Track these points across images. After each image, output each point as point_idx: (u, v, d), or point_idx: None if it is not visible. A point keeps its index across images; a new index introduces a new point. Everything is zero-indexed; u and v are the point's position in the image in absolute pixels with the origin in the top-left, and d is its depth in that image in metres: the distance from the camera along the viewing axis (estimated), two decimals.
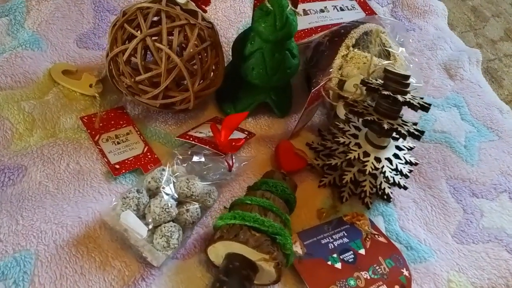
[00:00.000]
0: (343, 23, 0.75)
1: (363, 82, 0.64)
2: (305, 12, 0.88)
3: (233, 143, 0.64)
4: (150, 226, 0.54)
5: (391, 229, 0.66)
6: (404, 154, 0.66)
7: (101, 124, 0.67)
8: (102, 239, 0.55)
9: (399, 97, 0.60)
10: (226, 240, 0.51)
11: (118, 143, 0.66)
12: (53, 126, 0.66)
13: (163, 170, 0.59)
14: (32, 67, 0.70)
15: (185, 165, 0.62)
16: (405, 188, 0.66)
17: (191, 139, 0.65)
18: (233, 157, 0.65)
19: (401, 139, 0.62)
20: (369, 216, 0.66)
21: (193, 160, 0.62)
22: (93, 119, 0.67)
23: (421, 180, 0.73)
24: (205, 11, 0.71)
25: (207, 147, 0.63)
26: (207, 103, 0.76)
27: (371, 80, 0.65)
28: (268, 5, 0.63)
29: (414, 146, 0.69)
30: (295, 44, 0.70)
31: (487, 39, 1.06)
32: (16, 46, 0.71)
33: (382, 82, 0.64)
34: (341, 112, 0.70)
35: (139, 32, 0.62)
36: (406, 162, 0.65)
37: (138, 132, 0.68)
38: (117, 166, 0.63)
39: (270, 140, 0.74)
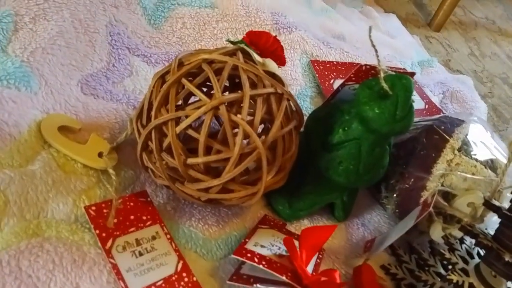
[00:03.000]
0: (435, 118, 0.60)
1: (488, 205, 0.48)
2: None
3: (325, 279, 0.42)
4: None
5: None
6: None
7: (115, 221, 0.43)
8: None
9: None
10: None
11: (141, 253, 0.42)
12: (37, 215, 0.41)
13: None
14: (13, 115, 0.45)
15: None
16: None
17: (256, 259, 0.43)
18: None
19: None
20: None
21: None
22: (105, 210, 0.43)
23: None
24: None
25: (284, 277, 0.42)
26: None
27: (496, 202, 0.49)
28: (385, 85, 0.45)
29: None
30: None
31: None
32: None
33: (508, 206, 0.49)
34: (437, 233, 0.53)
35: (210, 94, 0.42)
36: None
37: (168, 236, 0.45)
38: None
39: (336, 256, 0.54)
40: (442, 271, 0.53)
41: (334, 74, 0.71)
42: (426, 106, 0.77)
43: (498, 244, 0.48)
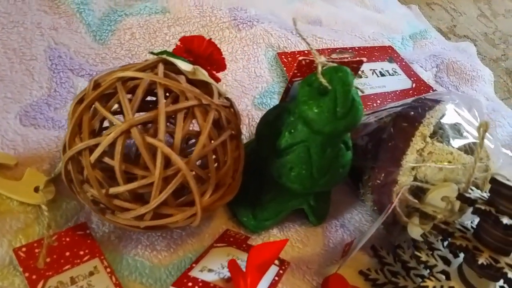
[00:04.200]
0: (408, 102, 0.54)
1: (463, 198, 0.42)
2: None
3: None
4: None
5: None
6: None
7: (48, 260, 0.41)
8: None
9: None
10: None
11: None
12: None
13: None
14: None
15: None
16: None
17: None
18: None
19: None
20: None
21: None
22: (36, 250, 0.41)
23: None
24: (218, 81, 0.48)
25: None
26: None
27: (472, 194, 0.43)
28: (324, 80, 0.40)
29: None
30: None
31: None
32: None
33: (487, 197, 0.42)
34: (416, 231, 0.48)
35: (120, 117, 0.38)
36: None
37: (109, 270, 0.42)
38: None
39: (308, 266, 0.50)
40: (426, 274, 0.48)
41: None
42: (414, 85, 0.70)
43: (479, 241, 0.42)
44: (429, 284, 0.43)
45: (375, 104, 0.64)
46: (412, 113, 0.50)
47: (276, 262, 0.47)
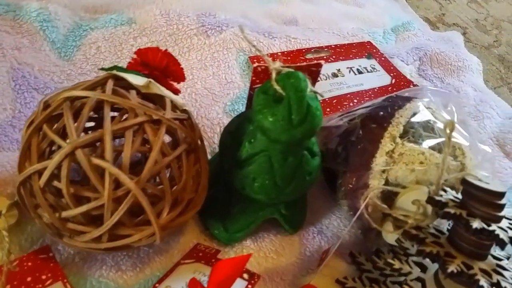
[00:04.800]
0: (381, 101, 0.52)
1: (432, 202, 0.41)
2: None
3: None
4: None
5: None
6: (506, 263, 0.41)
7: (8, 287, 0.40)
8: None
9: (498, 231, 0.37)
10: None
11: None
12: None
13: None
14: None
15: None
16: None
17: None
18: None
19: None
20: None
21: None
22: None
23: None
24: (177, 92, 0.47)
25: None
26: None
27: (444, 196, 0.41)
28: (278, 87, 0.39)
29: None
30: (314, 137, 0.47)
31: None
32: None
33: (460, 199, 0.41)
34: (390, 237, 0.46)
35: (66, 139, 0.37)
36: None
37: None
38: None
39: (282, 277, 0.49)
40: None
41: None
42: (393, 81, 0.68)
43: (452, 246, 0.40)
44: None
45: (351, 104, 0.62)
46: (382, 113, 0.49)
47: (245, 276, 0.45)
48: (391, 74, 0.70)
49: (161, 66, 0.45)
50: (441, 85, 0.76)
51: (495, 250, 0.41)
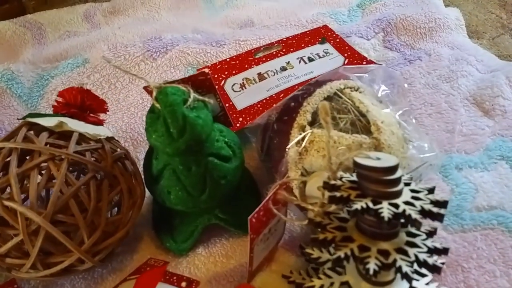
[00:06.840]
0: (299, 89, 0.51)
1: (327, 186, 0.40)
2: (261, 77, 0.65)
3: None
4: None
5: None
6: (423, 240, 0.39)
7: None
8: None
9: (384, 212, 0.35)
10: None
11: None
12: None
13: None
14: None
15: None
16: None
17: None
18: None
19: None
20: None
21: None
22: None
23: None
24: (100, 123, 0.51)
25: None
26: (141, 235, 0.54)
27: (339, 180, 0.40)
28: (157, 105, 0.41)
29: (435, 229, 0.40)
30: (228, 139, 0.48)
31: None
32: None
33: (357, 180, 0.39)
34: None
35: None
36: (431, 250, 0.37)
37: None
38: None
39: (229, 280, 0.50)
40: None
41: (226, 73, 0.66)
42: (347, 61, 0.66)
43: (358, 230, 0.39)
44: (316, 283, 0.41)
45: None
46: (292, 104, 0.48)
47: (183, 284, 0.48)
48: (345, 55, 0.67)
49: (77, 103, 0.50)
50: (411, 52, 0.71)
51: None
